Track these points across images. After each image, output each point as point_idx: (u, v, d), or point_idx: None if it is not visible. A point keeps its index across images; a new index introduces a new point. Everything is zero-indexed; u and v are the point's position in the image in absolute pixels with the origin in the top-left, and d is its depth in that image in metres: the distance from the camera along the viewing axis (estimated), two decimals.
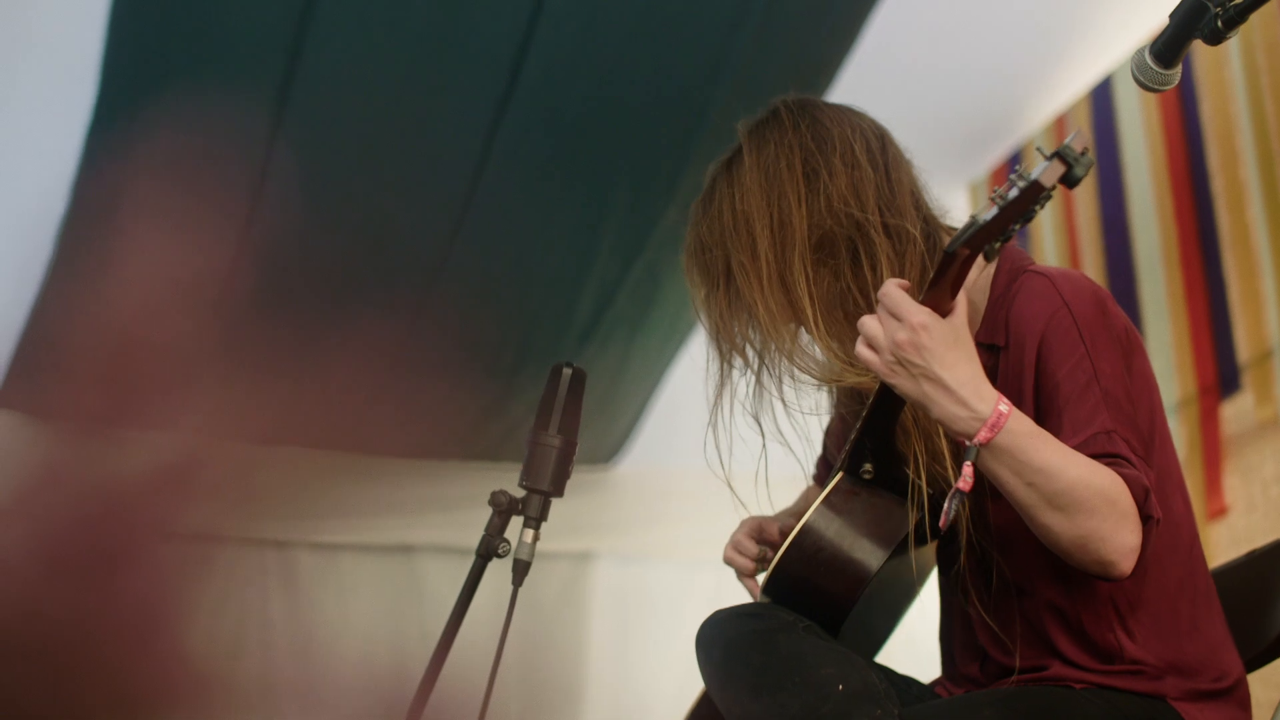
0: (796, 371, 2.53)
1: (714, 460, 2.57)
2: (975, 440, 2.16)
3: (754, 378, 2.58)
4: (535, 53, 4.03)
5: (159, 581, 1.00)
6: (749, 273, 2.49)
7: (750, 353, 2.58)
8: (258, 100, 3.89)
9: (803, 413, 2.59)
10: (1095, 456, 2.21)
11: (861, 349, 2.24)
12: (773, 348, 2.52)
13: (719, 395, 2.60)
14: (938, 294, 2.18)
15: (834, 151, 2.51)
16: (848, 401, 2.64)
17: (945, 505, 2.19)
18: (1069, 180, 2.05)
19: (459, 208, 4.40)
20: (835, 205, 2.47)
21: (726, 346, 2.59)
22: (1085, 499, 2.17)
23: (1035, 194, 2.05)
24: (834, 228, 2.47)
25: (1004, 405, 2.17)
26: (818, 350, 2.49)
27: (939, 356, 2.17)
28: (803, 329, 2.50)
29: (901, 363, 2.19)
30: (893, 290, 2.22)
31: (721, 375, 2.60)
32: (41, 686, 0.97)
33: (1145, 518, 2.19)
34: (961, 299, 2.21)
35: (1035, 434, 2.19)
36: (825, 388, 2.61)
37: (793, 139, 2.53)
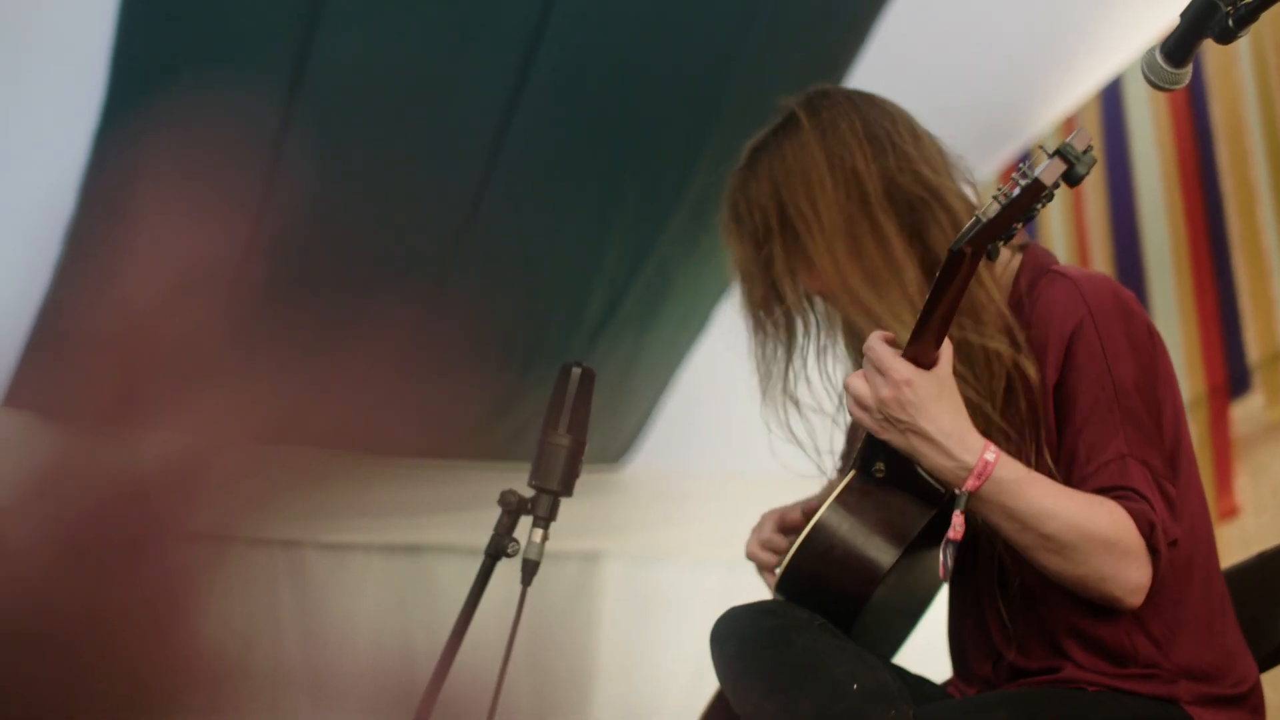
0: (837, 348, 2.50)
1: (778, 448, 2.54)
2: (962, 489, 2.18)
3: (788, 355, 2.55)
4: (546, 50, 4.02)
5: (170, 577, 1.00)
6: (809, 225, 2.44)
7: (790, 322, 2.54)
8: (268, 94, 3.89)
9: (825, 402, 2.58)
10: (1104, 489, 2.21)
11: (852, 407, 2.27)
12: (832, 313, 2.47)
13: (767, 370, 2.57)
14: (933, 327, 2.17)
15: (897, 121, 2.49)
16: None
17: (940, 556, 2.21)
18: (1070, 179, 2.05)
19: (468, 208, 4.40)
20: (906, 165, 2.43)
21: (763, 314, 2.55)
22: (1080, 542, 2.18)
23: (1036, 193, 2.05)
24: (908, 185, 2.42)
25: (990, 453, 2.18)
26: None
27: (923, 410, 2.19)
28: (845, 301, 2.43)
29: (889, 419, 2.22)
30: (877, 345, 2.23)
31: (765, 352, 2.56)
32: (55, 676, 0.97)
33: (1154, 551, 2.19)
34: (947, 348, 2.21)
35: (1025, 480, 2.20)
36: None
37: (848, 107, 2.50)
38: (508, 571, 2.55)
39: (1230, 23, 2.03)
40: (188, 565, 1.00)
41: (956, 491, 2.20)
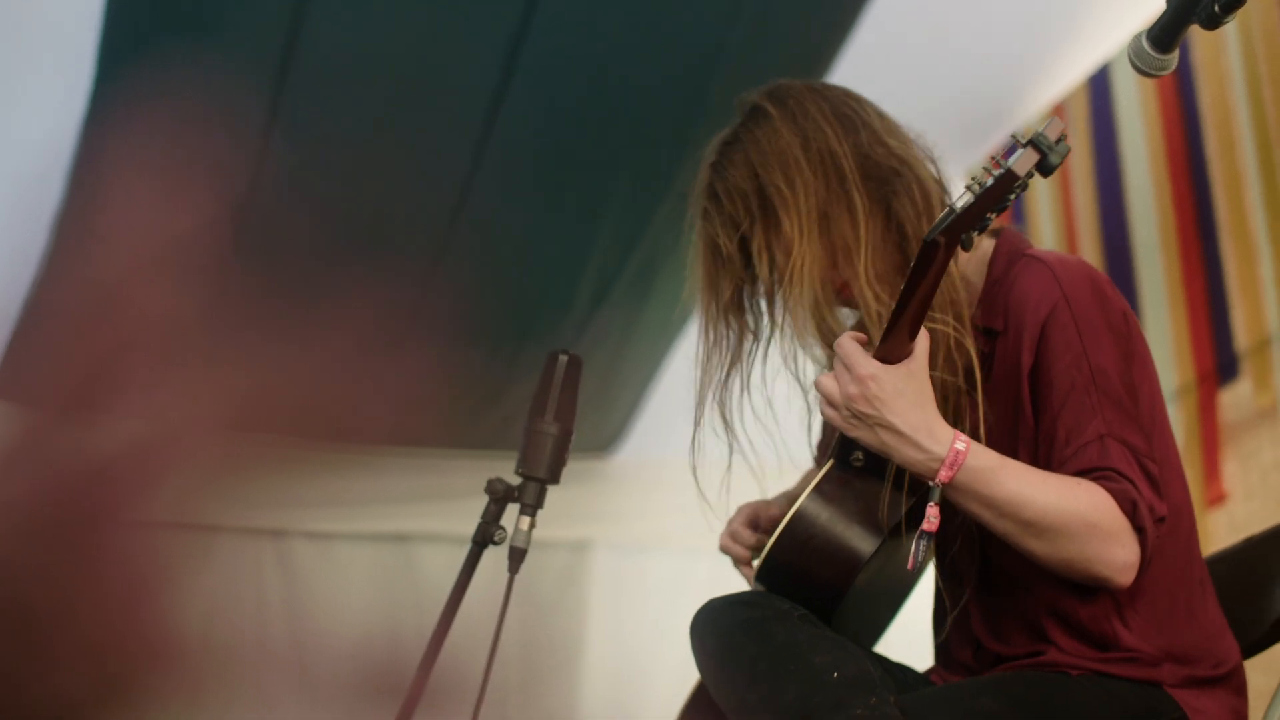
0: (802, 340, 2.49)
1: (704, 448, 2.56)
2: (936, 480, 2.18)
3: (742, 355, 2.56)
4: (532, 42, 4.02)
5: (137, 563, 1.00)
6: (787, 205, 2.43)
7: (754, 320, 2.55)
8: (256, 83, 3.89)
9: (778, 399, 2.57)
10: (1084, 471, 2.22)
11: (823, 406, 2.28)
12: (794, 296, 2.43)
13: (706, 376, 2.58)
14: (906, 320, 2.17)
15: (862, 102, 2.50)
16: None
17: (912, 547, 2.21)
18: (1044, 169, 2.05)
19: (456, 197, 4.39)
20: (876, 140, 2.43)
21: (728, 317, 2.55)
22: (1061, 525, 2.18)
23: (1009, 183, 2.05)
24: (882, 158, 2.42)
25: (960, 443, 2.19)
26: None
27: (888, 404, 2.19)
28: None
29: (856, 415, 2.22)
30: (846, 343, 2.24)
31: (709, 353, 2.57)
32: (18, 662, 0.97)
33: (1139, 529, 2.19)
34: (922, 339, 2.21)
35: (999, 467, 2.21)
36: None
37: (811, 94, 2.50)
38: (495, 560, 2.55)
39: (1217, 8, 2.03)
40: (158, 551, 1.00)
41: (930, 484, 2.19)
